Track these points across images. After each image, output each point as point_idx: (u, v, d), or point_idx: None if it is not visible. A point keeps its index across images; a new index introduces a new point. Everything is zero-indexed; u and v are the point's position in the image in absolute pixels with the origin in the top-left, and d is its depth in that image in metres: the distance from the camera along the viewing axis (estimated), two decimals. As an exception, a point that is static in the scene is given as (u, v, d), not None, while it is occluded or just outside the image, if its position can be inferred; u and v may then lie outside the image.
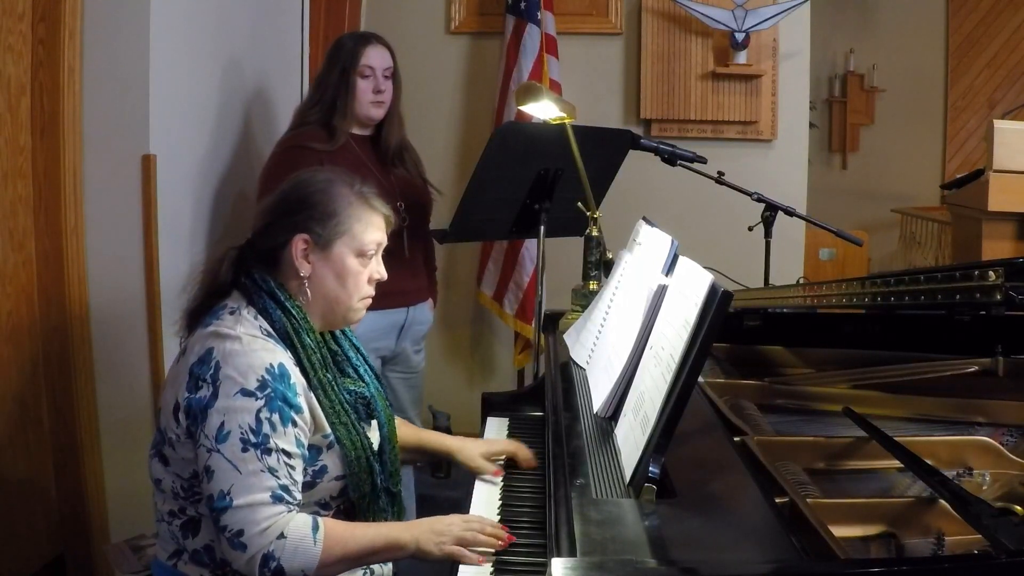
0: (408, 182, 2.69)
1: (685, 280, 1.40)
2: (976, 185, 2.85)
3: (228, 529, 1.42)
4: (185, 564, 1.56)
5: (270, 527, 1.42)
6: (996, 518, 1.08)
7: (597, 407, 1.62)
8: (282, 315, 1.56)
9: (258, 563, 1.41)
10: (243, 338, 1.50)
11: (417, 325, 2.78)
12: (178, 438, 1.50)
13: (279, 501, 1.44)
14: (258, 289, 1.57)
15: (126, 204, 2.36)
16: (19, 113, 2.21)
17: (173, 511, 1.55)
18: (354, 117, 2.61)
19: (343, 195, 1.61)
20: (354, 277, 1.61)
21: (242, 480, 1.43)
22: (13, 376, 2.21)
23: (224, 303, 1.57)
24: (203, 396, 1.47)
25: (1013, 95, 5.86)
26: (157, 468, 1.56)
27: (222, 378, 1.46)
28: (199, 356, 1.50)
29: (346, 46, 2.63)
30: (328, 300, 1.61)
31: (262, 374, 1.47)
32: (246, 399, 1.45)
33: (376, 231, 1.63)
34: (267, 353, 1.50)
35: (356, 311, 1.65)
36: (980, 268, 1.26)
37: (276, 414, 1.46)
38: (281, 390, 1.48)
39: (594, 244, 2.32)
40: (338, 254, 1.59)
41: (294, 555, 1.41)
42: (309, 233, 1.58)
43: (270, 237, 1.60)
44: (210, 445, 1.45)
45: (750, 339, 2.20)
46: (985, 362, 1.87)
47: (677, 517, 1.18)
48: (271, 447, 1.45)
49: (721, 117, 3.96)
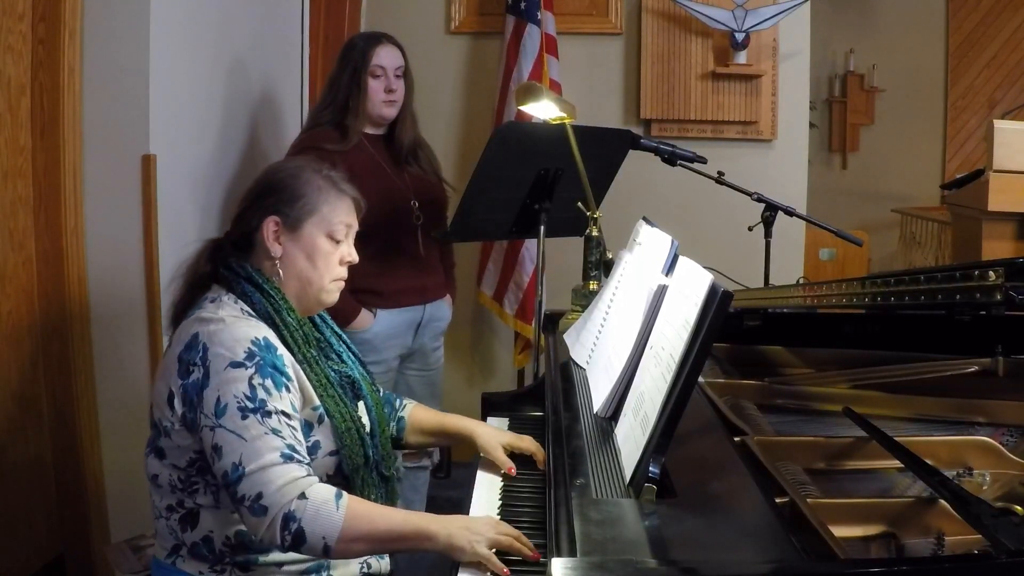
0: (422, 180, 2.71)
1: (685, 280, 1.41)
2: (976, 185, 2.85)
3: (247, 497, 1.43)
4: (184, 561, 1.56)
5: (287, 484, 1.42)
6: (996, 518, 1.08)
7: (597, 407, 1.62)
8: (261, 297, 1.60)
9: (279, 524, 1.41)
10: (226, 319, 1.54)
11: (435, 322, 2.79)
12: (172, 426, 1.52)
13: (289, 460, 1.45)
14: (236, 276, 1.62)
15: (126, 204, 2.36)
16: (19, 113, 2.21)
17: (171, 505, 1.56)
18: (367, 117, 2.63)
19: (311, 179, 1.67)
20: (324, 257, 1.65)
21: (249, 447, 1.44)
22: (13, 376, 2.20)
23: (205, 295, 1.62)
24: (196, 379, 1.50)
25: (1013, 95, 5.86)
26: (153, 464, 1.57)
27: (211, 358, 1.49)
28: (185, 343, 1.53)
29: (357, 47, 2.65)
30: (301, 281, 1.65)
31: (248, 346, 1.51)
32: (236, 370, 1.48)
33: (344, 213, 1.68)
34: (251, 328, 1.54)
35: (329, 292, 1.68)
36: (980, 268, 1.26)
37: (268, 379, 1.50)
38: (270, 358, 1.52)
39: (594, 244, 2.32)
40: (308, 235, 1.64)
41: (315, 519, 1.40)
42: (279, 215, 1.63)
43: (244, 223, 1.66)
44: (212, 423, 1.47)
45: (750, 339, 2.20)
46: (985, 362, 1.87)
47: (677, 517, 1.18)
48: (270, 410, 1.48)
49: (721, 117, 3.96)
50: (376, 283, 2.62)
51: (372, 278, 2.59)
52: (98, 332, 2.37)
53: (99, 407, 2.39)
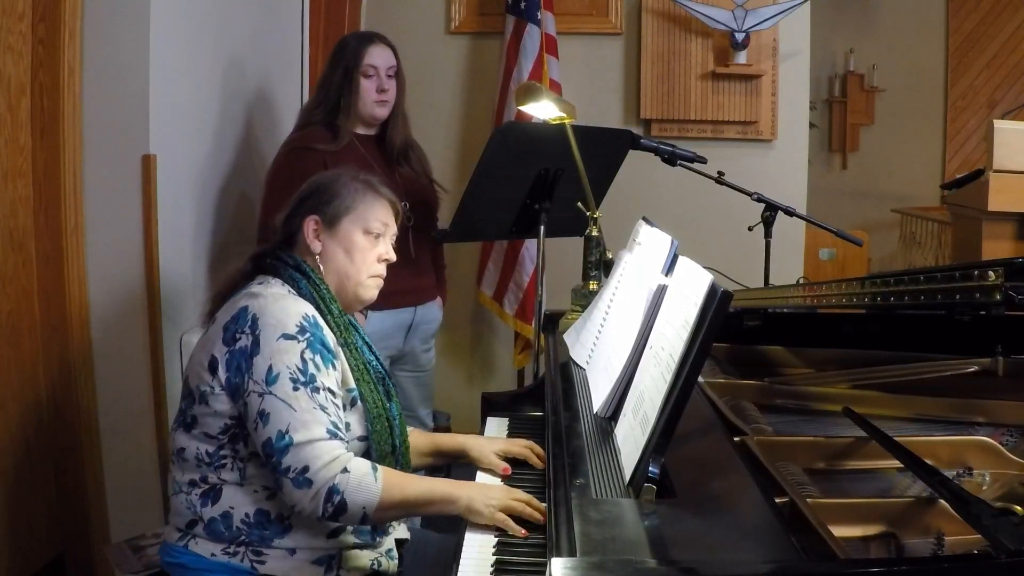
0: (413, 181, 2.70)
1: (685, 280, 1.40)
2: (976, 185, 2.84)
3: (292, 468, 1.49)
4: (197, 542, 1.58)
5: (333, 461, 1.50)
6: (996, 518, 1.08)
7: (597, 407, 1.63)
8: (308, 284, 1.67)
9: (323, 498, 1.49)
10: (275, 294, 1.61)
11: (425, 324, 2.78)
12: (212, 390, 1.57)
13: (334, 437, 1.53)
14: (284, 264, 1.69)
15: (126, 204, 2.36)
16: (19, 113, 2.21)
17: (194, 480, 1.60)
18: (358, 117, 2.62)
19: (348, 183, 1.78)
20: (362, 252, 1.74)
21: (298, 417, 1.51)
22: (13, 376, 2.20)
23: (251, 281, 1.68)
24: (244, 346, 1.55)
25: (1013, 95, 5.86)
26: (181, 438, 1.61)
27: (261, 327, 1.56)
28: (232, 315, 1.59)
29: (349, 46, 2.63)
30: (339, 275, 1.73)
31: (299, 320, 1.58)
32: (289, 342, 1.55)
33: (381, 211, 1.77)
34: (300, 304, 1.61)
35: (366, 287, 1.76)
36: (980, 268, 1.26)
37: (318, 356, 1.57)
38: (319, 335, 1.59)
39: (594, 244, 2.32)
40: (346, 231, 1.73)
41: (357, 490, 1.50)
42: (318, 214, 1.73)
43: (288, 226, 1.76)
44: (261, 389, 1.52)
45: (750, 339, 2.20)
46: (985, 362, 1.87)
47: (677, 517, 1.18)
48: (318, 386, 1.55)
49: (721, 117, 3.96)
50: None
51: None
52: (98, 332, 2.37)
53: (99, 407, 2.39)
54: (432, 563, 1.80)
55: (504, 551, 1.45)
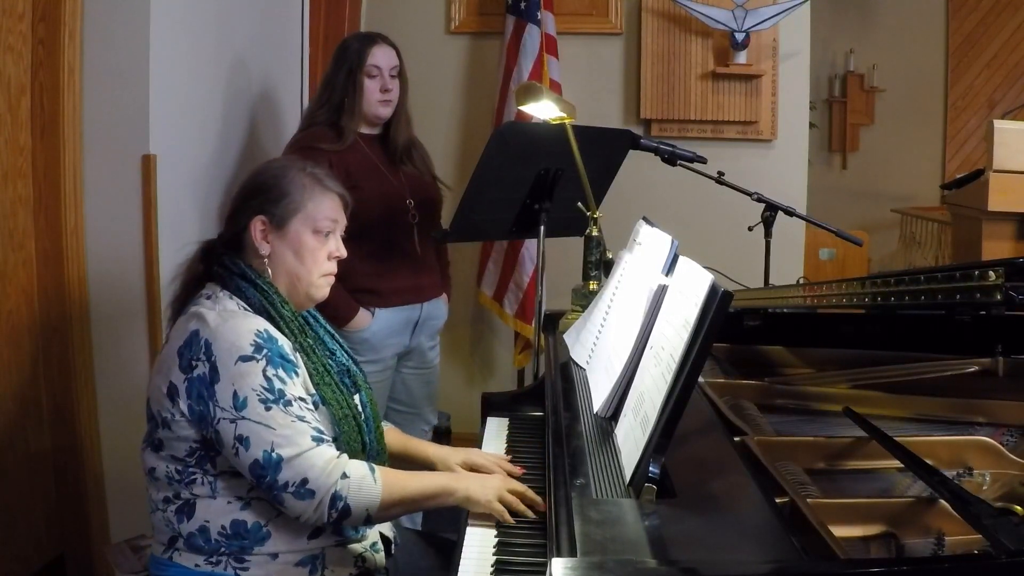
0: (417, 179, 2.72)
1: (685, 280, 1.40)
2: (976, 185, 2.84)
3: (291, 483, 1.48)
4: (180, 554, 1.58)
5: (330, 467, 1.50)
6: (996, 518, 1.08)
7: (597, 407, 1.62)
8: (255, 291, 1.63)
9: (327, 505, 1.49)
10: (223, 314, 1.57)
11: (432, 320, 2.80)
12: (173, 417, 1.54)
13: (320, 442, 1.52)
14: (229, 273, 1.65)
15: (126, 204, 2.36)
16: (19, 113, 2.21)
17: (167, 497, 1.58)
18: (362, 117, 2.65)
19: (295, 178, 1.70)
20: (311, 253, 1.69)
21: (280, 434, 1.49)
22: (13, 376, 2.20)
23: (200, 292, 1.65)
24: (202, 374, 1.52)
25: (1013, 95, 5.86)
26: (150, 458, 1.60)
27: (216, 352, 1.52)
28: (184, 339, 1.55)
29: (352, 47, 2.66)
30: (289, 277, 1.69)
31: (253, 338, 1.54)
32: (248, 363, 1.52)
33: (330, 208, 1.71)
34: (251, 321, 1.58)
35: (318, 287, 1.72)
36: (980, 268, 1.26)
37: (280, 369, 1.54)
38: (276, 348, 1.56)
39: (594, 244, 2.32)
40: (294, 232, 1.68)
41: (359, 493, 1.50)
42: (265, 214, 1.67)
43: (233, 224, 1.70)
44: (231, 415, 1.50)
45: (750, 339, 2.20)
46: (985, 362, 1.87)
47: (677, 517, 1.18)
48: (289, 399, 1.53)
49: (721, 117, 3.96)
50: (373, 283, 2.63)
51: (369, 278, 2.61)
52: (98, 332, 2.37)
53: (99, 407, 2.39)
54: (425, 564, 1.81)
55: (504, 551, 1.45)
